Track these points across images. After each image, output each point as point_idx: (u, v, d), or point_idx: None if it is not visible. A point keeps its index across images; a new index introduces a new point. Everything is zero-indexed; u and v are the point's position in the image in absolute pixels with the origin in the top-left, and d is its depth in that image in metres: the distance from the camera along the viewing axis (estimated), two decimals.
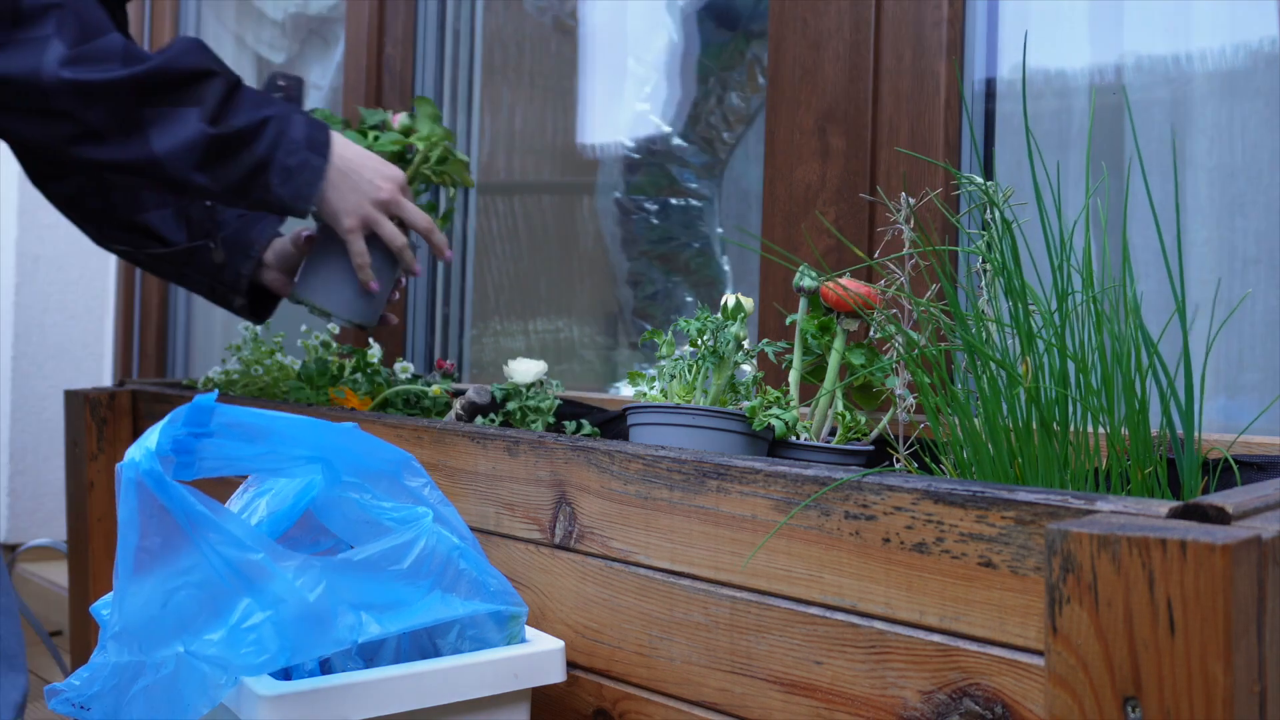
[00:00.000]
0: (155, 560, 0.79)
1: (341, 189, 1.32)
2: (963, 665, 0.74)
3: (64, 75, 1.18)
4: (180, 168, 1.23)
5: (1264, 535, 0.58)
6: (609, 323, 2.15)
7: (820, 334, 1.17)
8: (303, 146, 1.28)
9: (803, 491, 0.83)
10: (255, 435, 0.86)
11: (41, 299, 3.13)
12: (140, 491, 0.78)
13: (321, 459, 0.90)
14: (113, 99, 1.20)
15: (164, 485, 0.78)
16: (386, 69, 2.37)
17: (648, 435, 1.09)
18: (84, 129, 1.21)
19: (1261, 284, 1.26)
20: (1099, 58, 1.40)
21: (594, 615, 0.99)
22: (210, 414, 0.83)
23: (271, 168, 1.26)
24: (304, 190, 1.29)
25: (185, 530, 0.79)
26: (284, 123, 1.27)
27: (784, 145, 1.54)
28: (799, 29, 1.53)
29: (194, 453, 0.83)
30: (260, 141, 1.26)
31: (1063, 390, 0.84)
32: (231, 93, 1.26)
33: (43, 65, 1.17)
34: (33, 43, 1.18)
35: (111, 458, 1.67)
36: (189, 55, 1.24)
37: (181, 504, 0.79)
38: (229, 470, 0.86)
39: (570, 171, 2.24)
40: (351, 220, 1.33)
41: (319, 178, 1.29)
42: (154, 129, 1.22)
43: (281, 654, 0.80)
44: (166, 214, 1.49)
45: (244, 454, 0.86)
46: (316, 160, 1.29)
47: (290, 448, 0.88)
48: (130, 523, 0.79)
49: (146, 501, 0.78)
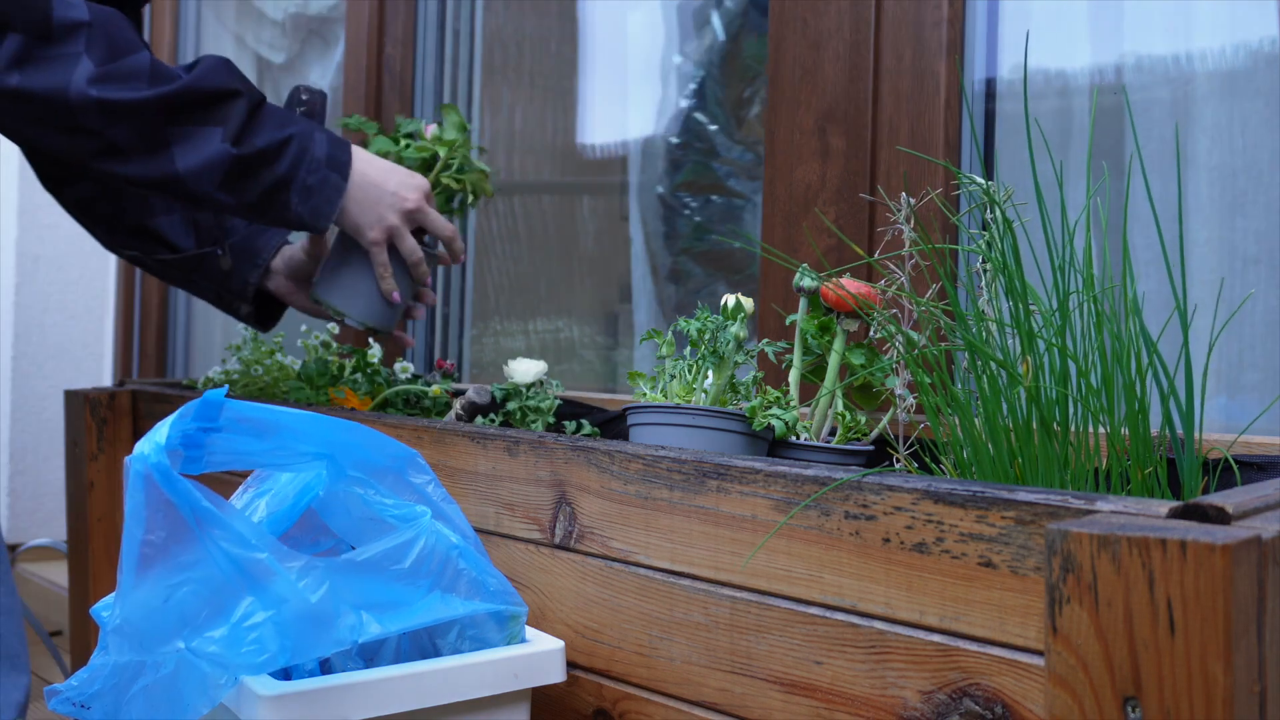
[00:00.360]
0: (159, 555, 0.79)
1: (364, 203, 1.33)
2: (963, 665, 0.74)
3: (91, 94, 1.19)
4: (203, 186, 1.24)
5: (1264, 535, 0.58)
6: (609, 323, 2.15)
7: (820, 334, 1.17)
8: (323, 165, 1.29)
9: (803, 491, 0.83)
10: (263, 430, 0.86)
11: (41, 299, 3.13)
12: (148, 485, 0.78)
13: (328, 455, 0.90)
14: (139, 118, 1.21)
15: (171, 480, 0.78)
16: (386, 69, 2.37)
17: (648, 435, 1.09)
18: (109, 145, 1.22)
19: (1262, 284, 1.26)
20: (1099, 58, 1.40)
21: (594, 615, 0.99)
22: (220, 409, 0.83)
23: (292, 186, 1.28)
24: (323, 208, 1.30)
25: (191, 526, 0.79)
26: (306, 140, 1.29)
27: (784, 145, 1.54)
28: (799, 29, 1.53)
29: (202, 447, 0.83)
30: (282, 160, 1.27)
31: (1063, 390, 0.84)
32: (255, 112, 1.27)
33: (71, 83, 1.18)
34: (62, 59, 1.19)
35: (111, 458, 1.67)
36: (215, 75, 1.25)
37: (188, 499, 0.79)
38: (236, 465, 0.86)
39: (587, 171, 2.24)
40: (375, 233, 1.35)
41: (338, 195, 1.31)
42: (178, 147, 1.23)
43: (282, 654, 0.80)
44: (175, 219, 1.49)
45: (252, 449, 0.86)
46: (336, 179, 1.30)
47: (297, 443, 0.88)
48: (136, 516, 0.79)
49: (153, 495, 0.78)
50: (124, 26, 1.24)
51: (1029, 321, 0.86)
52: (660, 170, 2.04)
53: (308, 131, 1.29)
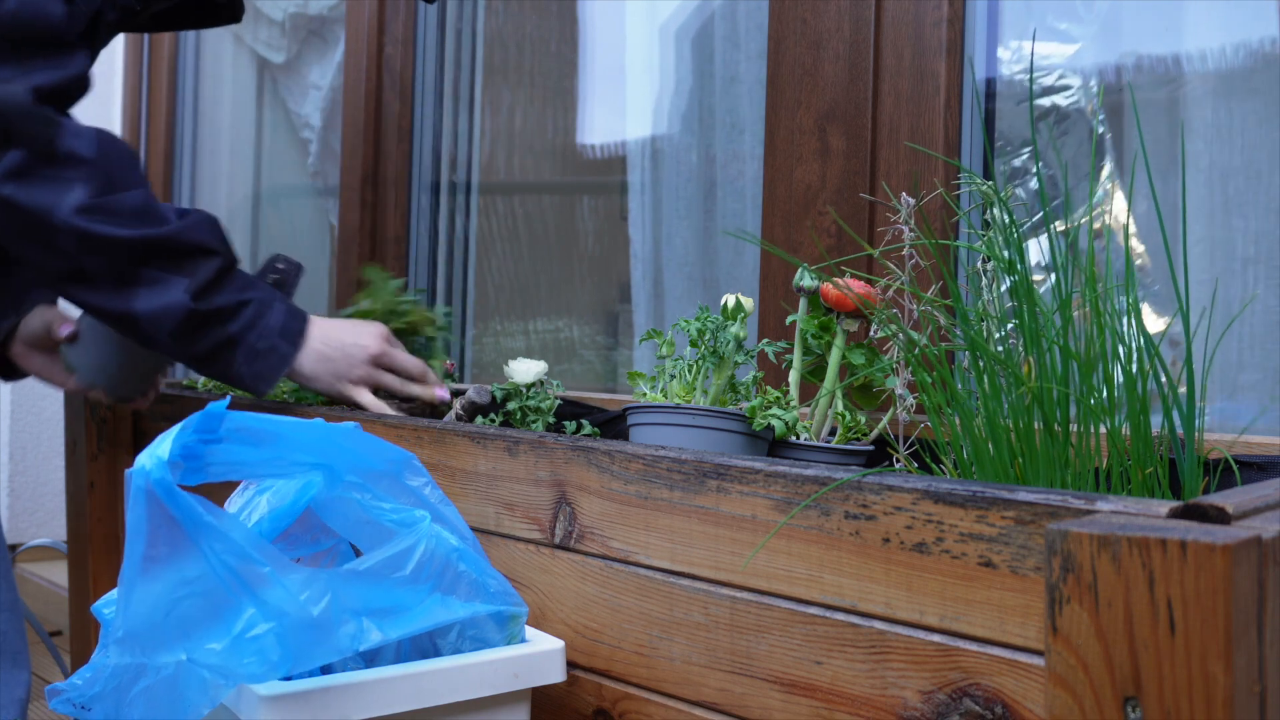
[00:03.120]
0: (161, 568, 0.79)
1: (332, 361, 1.36)
2: (963, 665, 0.74)
3: (75, 222, 1.20)
4: (154, 329, 1.26)
5: (1264, 535, 0.58)
6: (609, 323, 2.15)
7: (820, 334, 1.17)
8: (275, 333, 1.32)
9: (803, 491, 0.83)
10: (261, 439, 0.86)
11: None
12: (149, 500, 0.78)
13: (324, 464, 0.90)
14: (115, 253, 1.23)
15: (173, 494, 0.78)
16: (386, 69, 2.37)
17: (648, 435, 1.09)
18: (78, 270, 1.23)
19: (1260, 284, 1.26)
20: (1099, 58, 1.40)
21: (594, 615, 0.99)
22: (221, 420, 0.83)
23: (240, 347, 1.30)
24: (266, 373, 1.33)
25: (193, 540, 0.79)
26: (263, 307, 1.31)
27: (784, 145, 1.54)
28: (799, 29, 1.53)
29: (202, 458, 0.83)
30: (235, 321, 1.29)
31: (1064, 390, 0.84)
32: (224, 273, 1.29)
33: (58, 206, 1.20)
34: (56, 181, 1.21)
35: (111, 458, 1.67)
36: (198, 230, 1.28)
37: (190, 514, 0.79)
38: (234, 475, 0.87)
39: (586, 171, 2.24)
40: (348, 387, 1.38)
41: (283, 365, 1.33)
42: (143, 289, 1.25)
43: (283, 663, 0.80)
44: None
45: (250, 458, 0.86)
46: (285, 347, 1.33)
47: (294, 452, 0.88)
48: (138, 530, 0.79)
49: (155, 510, 0.78)
50: (126, 164, 1.25)
51: (1033, 321, 0.86)
52: (660, 170, 2.04)
53: (268, 299, 1.32)
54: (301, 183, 2.94)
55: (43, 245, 1.22)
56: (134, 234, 1.23)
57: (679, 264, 1.98)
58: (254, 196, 3.12)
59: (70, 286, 1.25)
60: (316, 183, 2.86)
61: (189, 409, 1.54)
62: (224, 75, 3.20)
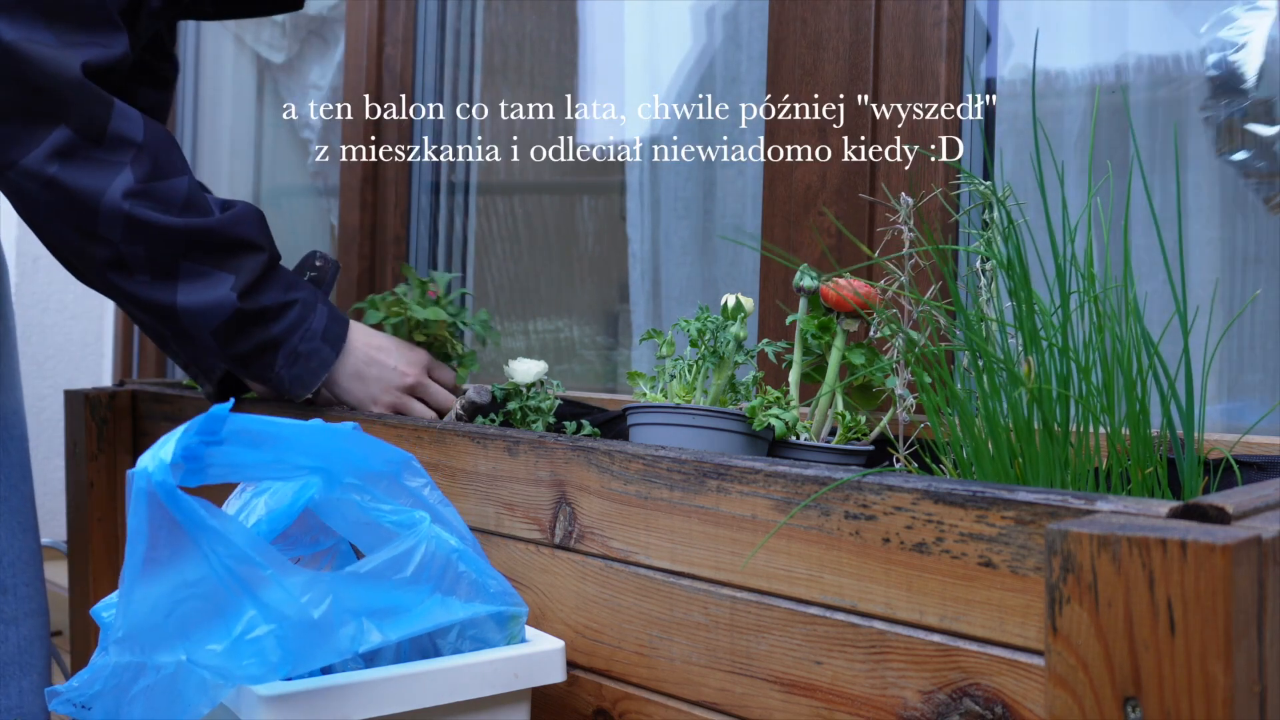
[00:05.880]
0: (162, 570, 0.79)
1: (365, 379, 1.34)
2: (963, 665, 0.74)
3: (124, 206, 1.18)
4: (195, 325, 1.24)
5: (1264, 535, 0.57)
6: (609, 323, 2.15)
7: (820, 334, 1.17)
8: (318, 336, 1.30)
9: (803, 491, 0.83)
10: (261, 441, 0.86)
11: (41, 299, 3.13)
12: (151, 502, 0.78)
13: (323, 467, 0.90)
14: (159, 242, 1.20)
15: (175, 497, 0.78)
16: (386, 69, 2.37)
17: (648, 435, 1.09)
18: (119, 258, 1.21)
19: (1261, 284, 1.26)
20: (1099, 58, 1.40)
21: (594, 615, 0.99)
22: (223, 422, 0.83)
23: (282, 348, 1.28)
24: (306, 377, 1.31)
25: (194, 542, 0.79)
26: (307, 309, 1.29)
27: (784, 145, 1.54)
28: (799, 29, 1.53)
29: (203, 460, 0.83)
30: (279, 322, 1.27)
31: (1064, 390, 0.84)
32: (268, 270, 1.27)
33: (108, 190, 1.17)
34: (106, 164, 1.18)
35: (111, 458, 1.67)
36: (244, 224, 1.25)
37: (191, 516, 0.79)
38: (234, 477, 0.86)
39: (586, 171, 2.24)
40: (377, 407, 1.36)
41: (324, 368, 1.31)
42: (184, 282, 1.22)
43: (283, 664, 0.80)
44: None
45: (250, 460, 0.86)
46: (327, 351, 1.31)
47: (293, 454, 0.88)
48: (139, 532, 0.79)
49: (156, 512, 0.78)
50: (172, 149, 1.23)
51: (1032, 321, 0.86)
52: (659, 170, 2.04)
53: (311, 300, 1.30)
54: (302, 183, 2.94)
55: (83, 230, 1.19)
56: (181, 223, 1.20)
57: (678, 264, 1.98)
58: (254, 197, 3.12)
59: (108, 273, 1.22)
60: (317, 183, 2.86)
61: (189, 409, 1.54)
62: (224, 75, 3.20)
